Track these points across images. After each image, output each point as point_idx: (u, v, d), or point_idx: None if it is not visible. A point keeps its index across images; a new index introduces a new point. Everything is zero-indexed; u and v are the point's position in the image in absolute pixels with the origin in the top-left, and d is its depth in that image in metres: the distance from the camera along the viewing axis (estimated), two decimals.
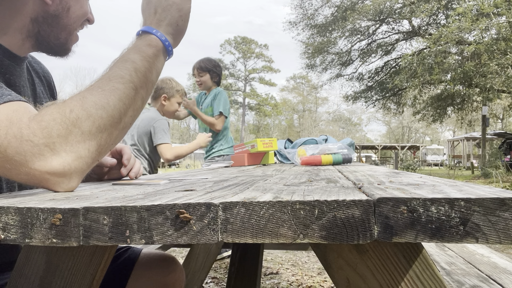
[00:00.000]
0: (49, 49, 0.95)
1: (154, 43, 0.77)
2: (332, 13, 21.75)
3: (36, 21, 0.88)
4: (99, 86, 0.69)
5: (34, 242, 0.45)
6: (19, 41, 0.89)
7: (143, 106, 0.76)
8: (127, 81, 0.70)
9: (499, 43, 13.59)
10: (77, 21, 0.94)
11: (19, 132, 0.61)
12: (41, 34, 0.90)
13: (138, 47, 0.76)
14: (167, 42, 0.79)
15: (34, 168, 0.61)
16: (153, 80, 0.76)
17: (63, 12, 0.90)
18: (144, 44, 0.77)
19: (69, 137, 0.63)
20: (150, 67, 0.75)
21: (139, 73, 0.73)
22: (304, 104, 63.22)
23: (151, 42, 0.77)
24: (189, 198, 0.48)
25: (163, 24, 0.80)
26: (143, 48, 0.76)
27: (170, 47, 0.80)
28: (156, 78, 0.78)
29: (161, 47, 0.78)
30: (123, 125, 0.70)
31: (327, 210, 0.41)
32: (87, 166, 0.66)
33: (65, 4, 0.89)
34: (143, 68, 0.74)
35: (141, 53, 0.75)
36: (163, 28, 0.80)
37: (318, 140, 2.31)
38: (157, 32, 0.78)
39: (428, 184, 0.58)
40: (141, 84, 0.73)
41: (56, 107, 0.64)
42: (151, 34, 0.78)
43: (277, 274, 3.16)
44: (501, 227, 0.39)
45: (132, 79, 0.71)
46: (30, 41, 0.91)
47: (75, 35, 0.96)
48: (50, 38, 0.91)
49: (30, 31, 0.89)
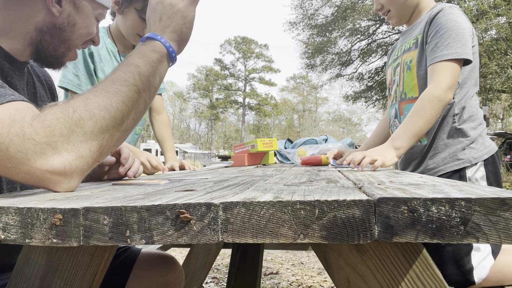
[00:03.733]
0: (44, 59, 0.96)
1: (158, 48, 0.79)
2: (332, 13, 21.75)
3: (41, 31, 0.91)
4: (103, 88, 0.70)
5: (34, 242, 0.45)
6: (21, 47, 0.91)
7: (145, 110, 0.77)
8: (130, 84, 0.72)
9: (499, 43, 13.59)
10: (80, 38, 0.96)
11: (22, 130, 0.61)
12: (42, 43, 0.92)
13: (143, 52, 0.78)
14: (171, 48, 0.81)
15: (35, 167, 0.61)
16: (156, 85, 0.78)
17: (68, 26, 0.93)
18: (148, 49, 0.78)
19: (71, 136, 0.63)
20: (154, 71, 0.76)
21: (142, 76, 0.74)
22: (304, 104, 63.23)
23: (155, 48, 0.79)
24: (190, 198, 0.48)
25: (167, 31, 0.82)
26: (147, 53, 0.77)
27: (173, 53, 0.82)
28: (159, 83, 0.80)
29: (165, 53, 0.80)
30: (125, 127, 0.71)
31: (328, 210, 0.41)
32: (88, 166, 0.66)
33: (72, 20, 0.93)
34: (147, 72, 0.75)
35: (145, 58, 0.76)
36: (167, 34, 0.82)
37: (318, 140, 2.31)
38: (161, 38, 0.80)
39: (428, 184, 0.58)
40: (144, 88, 0.74)
41: (60, 107, 0.65)
42: (156, 40, 0.80)
43: (277, 274, 3.16)
44: (501, 226, 0.39)
45: (136, 82, 0.72)
46: (31, 48, 0.92)
47: (74, 52, 0.98)
48: (49, 49, 0.94)
49: (32, 38, 0.91)
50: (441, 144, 1.44)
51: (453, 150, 1.41)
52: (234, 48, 52.87)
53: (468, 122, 1.42)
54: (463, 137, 1.41)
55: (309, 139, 2.35)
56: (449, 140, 1.43)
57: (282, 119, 63.61)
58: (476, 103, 1.47)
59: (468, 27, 1.39)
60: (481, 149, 1.40)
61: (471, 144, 1.40)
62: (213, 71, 53.77)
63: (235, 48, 52.83)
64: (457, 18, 1.38)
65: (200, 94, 55.84)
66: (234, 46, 52.87)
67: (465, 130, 1.41)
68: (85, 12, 0.95)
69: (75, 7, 0.93)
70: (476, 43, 1.43)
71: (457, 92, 1.43)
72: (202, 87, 54.53)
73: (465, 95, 1.43)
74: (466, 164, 1.39)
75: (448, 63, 1.35)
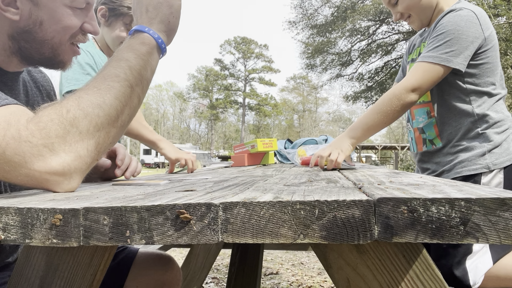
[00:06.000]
0: (41, 63, 0.91)
1: (147, 41, 0.78)
2: (332, 13, 21.74)
3: (13, 38, 0.85)
4: (95, 86, 0.69)
5: (34, 243, 0.45)
6: (5, 58, 0.87)
7: (140, 104, 0.76)
8: (122, 79, 0.71)
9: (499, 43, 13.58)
10: (57, 35, 0.86)
11: (18, 133, 0.61)
12: (23, 50, 0.86)
13: (132, 45, 0.76)
14: (160, 40, 0.80)
15: (34, 169, 0.61)
16: (148, 78, 0.77)
17: (35, 27, 0.84)
18: (137, 42, 0.77)
19: (67, 137, 0.63)
20: (145, 64, 0.75)
21: (134, 71, 0.73)
22: (304, 104, 63.22)
23: (144, 40, 0.78)
24: (190, 198, 0.48)
25: (154, 22, 0.81)
26: (136, 47, 0.76)
27: (163, 45, 0.81)
28: (151, 76, 0.79)
29: (154, 44, 0.79)
30: (120, 123, 0.70)
31: (328, 210, 0.41)
32: (87, 165, 0.66)
33: (36, 19, 0.84)
34: (138, 66, 0.74)
35: (135, 52, 0.75)
36: (155, 26, 0.81)
37: (318, 140, 2.31)
38: (149, 30, 0.79)
39: (428, 184, 0.58)
40: (136, 82, 0.73)
41: (53, 108, 0.65)
42: (144, 33, 0.79)
43: (277, 274, 3.16)
44: (501, 227, 0.39)
45: (127, 77, 0.72)
46: (17, 58, 0.88)
47: (67, 48, 0.89)
48: (32, 54, 0.87)
49: (11, 48, 0.86)
50: (460, 147, 1.40)
51: (472, 155, 1.37)
52: (234, 48, 52.88)
53: (493, 126, 1.38)
54: (486, 142, 1.37)
55: (309, 139, 2.35)
56: (469, 144, 1.39)
57: (282, 119, 63.62)
58: (503, 107, 1.41)
59: (473, 33, 1.32)
60: (504, 155, 1.35)
61: (493, 149, 1.36)
62: (213, 71, 53.79)
63: (235, 48, 52.83)
64: (461, 22, 1.32)
65: (200, 94, 55.85)
66: (234, 46, 52.88)
67: (488, 134, 1.37)
68: (49, 6, 0.83)
69: (34, 4, 0.82)
70: (492, 45, 1.37)
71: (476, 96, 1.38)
72: (202, 87, 54.55)
73: (489, 98, 1.39)
74: (482, 170, 1.35)
75: (427, 64, 1.32)
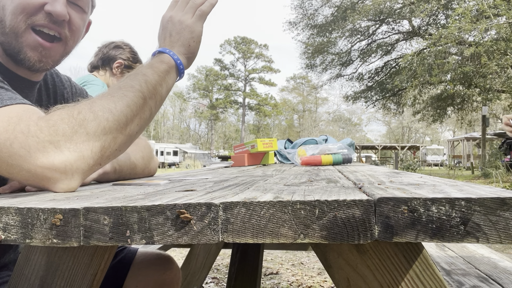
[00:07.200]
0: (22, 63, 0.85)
1: (166, 60, 0.82)
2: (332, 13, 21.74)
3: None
4: (109, 93, 0.72)
5: (35, 243, 0.45)
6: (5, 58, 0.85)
7: (151, 118, 0.78)
8: (136, 90, 0.73)
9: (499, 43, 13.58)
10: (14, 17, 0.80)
11: (27, 128, 0.63)
12: (5, 46, 0.83)
13: (151, 63, 0.80)
14: (179, 61, 0.84)
15: (36, 164, 0.62)
16: (162, 94, 0.79)
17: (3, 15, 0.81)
18: (157, 61, 0.81)
19: (74, 136, 0.64)
20: (161, 81, 0.79)
21: (149, 84, 0.76)
22: (304, 104, 63.21)
23: (163, 59, 0.82)
24: (190, 198, 0.48)
25: (176, 45, 0.86)
26: (155, 64, 0.80)
27: (181, 66, 0.84)
28: (166, 94, 0.81)
29: (173, 64, 0.83)
30: (129, 132, 0.71)
31: (328, 210, 0.41)
32: (89, 167, 0.66)
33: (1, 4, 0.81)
34: (154, 81, 0.77)
35: (153, 68, 0.79)
36: (176, 48, 0.85)
37: (318, 140, 2.31)
38: (170, 51, 0.83)
39: (428, 184, 0.58)
40: (150, 95, 0.75)
41: (66, 109, 0.67)
42: (164, 53, 0.83)
43: (277, 274, 3.16)
44: (501, 226, 0.39)
45: (142, 89, 0.74)
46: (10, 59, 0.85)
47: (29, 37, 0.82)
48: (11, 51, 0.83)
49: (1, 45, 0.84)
50: None
51: None
52: (234, 48, 52.86)
53: None
54: None
55: (309, 139, 2.35)
56: None
57: (282, 119, 63.61)
58: None
59: None
60: None
61: None
62: (213, 71, 53.77)
63: (235, 48, 52.82)
64: None
65: (200, 94, 55.84)
66: (234, 46, 52.87)
67: None
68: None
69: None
70: None
71: None
72: (202, 87, 54.53)
73: None
74: None
75: None
